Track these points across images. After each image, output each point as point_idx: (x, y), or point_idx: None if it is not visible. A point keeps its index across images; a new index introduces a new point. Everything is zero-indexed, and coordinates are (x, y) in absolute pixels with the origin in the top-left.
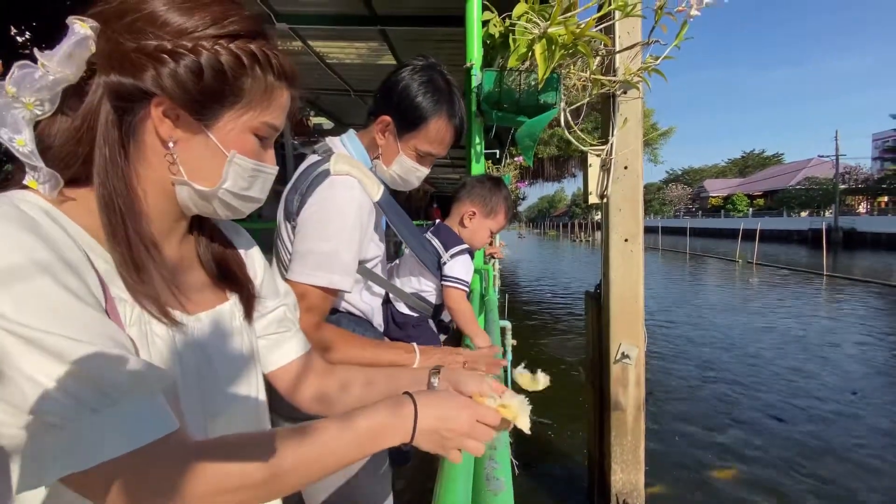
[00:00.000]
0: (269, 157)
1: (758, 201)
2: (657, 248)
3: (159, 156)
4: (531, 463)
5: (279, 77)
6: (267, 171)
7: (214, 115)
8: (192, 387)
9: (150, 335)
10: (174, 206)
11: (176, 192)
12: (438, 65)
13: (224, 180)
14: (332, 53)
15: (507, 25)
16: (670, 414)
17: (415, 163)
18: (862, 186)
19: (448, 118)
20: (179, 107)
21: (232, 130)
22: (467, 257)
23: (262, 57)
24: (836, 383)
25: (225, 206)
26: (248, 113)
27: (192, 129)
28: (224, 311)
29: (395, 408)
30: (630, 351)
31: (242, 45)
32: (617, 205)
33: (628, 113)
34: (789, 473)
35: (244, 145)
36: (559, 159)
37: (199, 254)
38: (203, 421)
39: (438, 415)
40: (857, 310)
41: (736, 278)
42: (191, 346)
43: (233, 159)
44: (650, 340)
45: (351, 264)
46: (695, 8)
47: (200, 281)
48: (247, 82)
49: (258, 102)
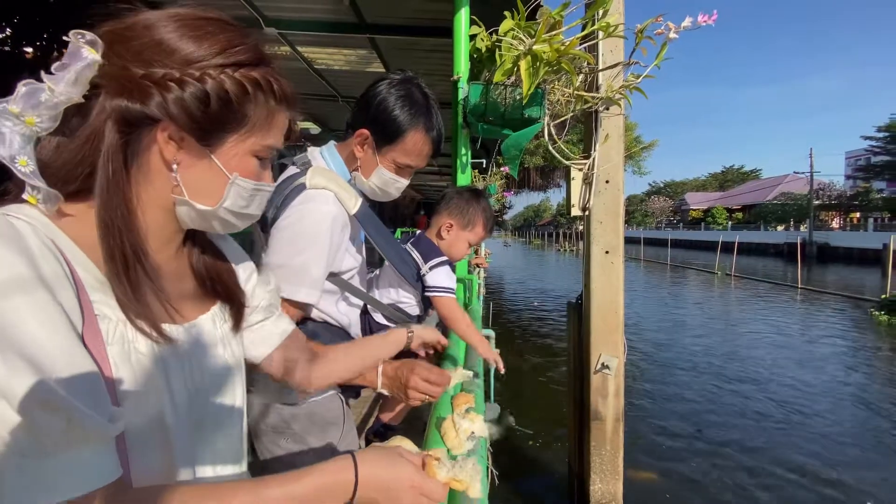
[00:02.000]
0: (267, 176)
1: (736, 215)
2: (639, 259)
3: (163, 178)
4: (512, 473)
5: (280, 101)
6: (265, 190)
7: (219, 140)
8: (180, 397)
9: (133, 354)
10: (172, 222)
11: (176, 209)
12: (416, 78)
13: (225, 200)
14: (321, 59)
15: (494, 41)
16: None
17: (393, 175)
18: (835, 202)
19: (425, 131)
20: (185, 132)
21: (235, 155)
22: (448, 267)
23: (264, 83)
24: (803, 392)
25: (223, 224)
26: (252, 138)
27: (197, 153)
28: (209, 320)
29: (335, 474)
30: (610, 361)
31: (246, 74)
32: (598, 218)
33: (610, 129)
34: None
35: (246, 167)
36: (545, 169)
37: (192, 264)
38: (189, 429)
39: (380, 486)
40: (831, 323)
41: (715, 289)
42: (178, 358)
43: (235, 181)
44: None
45: (319, 279)
46: (673, 32)
47: (190, 290)
48: (251, 108)
49: (260, 127)
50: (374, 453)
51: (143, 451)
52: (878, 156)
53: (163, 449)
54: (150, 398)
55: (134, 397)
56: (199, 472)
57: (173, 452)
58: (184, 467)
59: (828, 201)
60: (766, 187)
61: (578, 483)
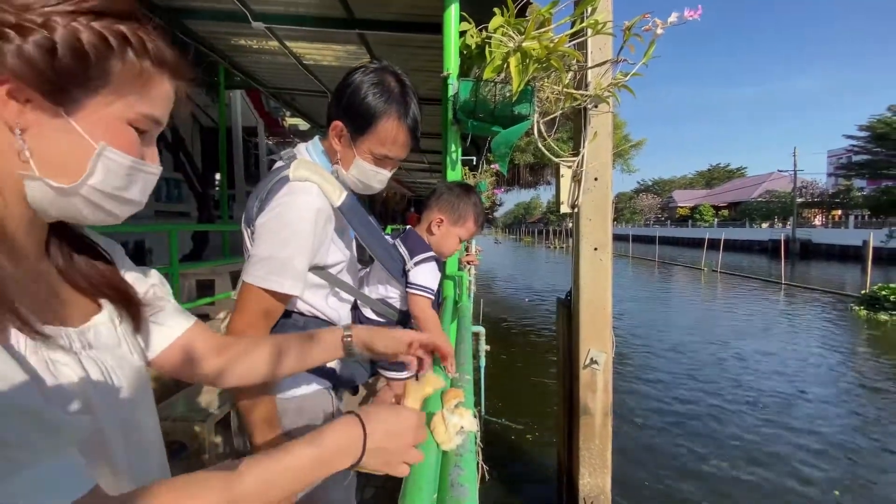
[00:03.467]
0: (150, 155)
1: (723, 212)
2: (628, 256)
3: (4, 145)
4: (503, 467)
5: (158, 64)
6: (148, 171)
7: (76, 101)
8: (106, 404)
9: (50, 363)
10: (27, 211)
11: (27, 191)
12: (392, 67)
13: (89, 175)
14: (309, 55)
15: (484, 37)
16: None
17: (373, 166)
18: (818, 200)
19: (398, 118)
20: (29, 88)
21: (102, 119)
22: (433, 264)
23: (134, 40)
24: (787, 382)
25: (93, 207)
26: (120, 101)
27: (48, 113)
28: (105, 321)
29: (342, 431)
30: (598, 357)
31: (109, 26)
32: (587, 215)
33: (599, 126)
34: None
35: (118, 137)
36: (535, 166)
37: (61, 267)
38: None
39: (387, 431)
40: (813, 317)
41: (701, 286)
42: (92, 361)
43: (102, 152)
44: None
45: (303, 271)
46: (660, 28)
47: (70, 295)
48: (116, 66)
49: (131, 90)
50: (374, 408)
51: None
52: (859, 154)
53: (104, 455)
54: (77, 404)
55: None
56: (139, 476)
57: (113, 459)
58: (124, 471)
59: (810, 199)
60: (751, 185)
61: (567, 477)
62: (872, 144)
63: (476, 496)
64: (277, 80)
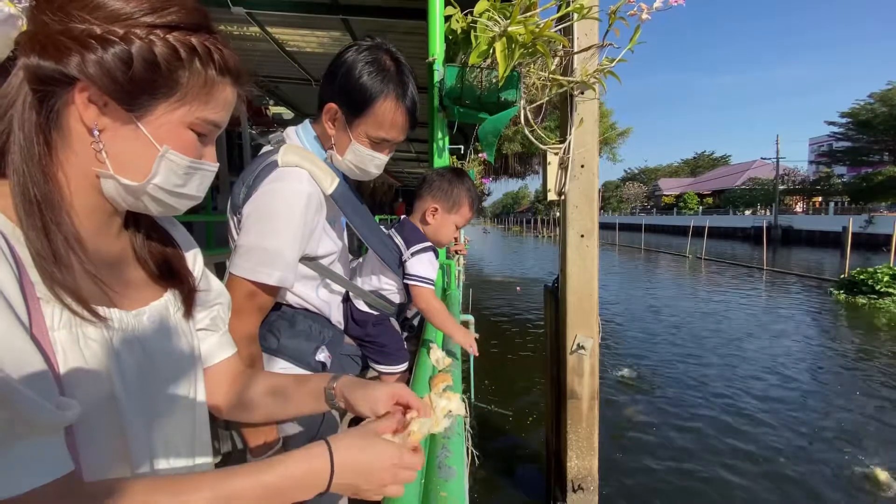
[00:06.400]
0: (208, 154)
1: (707, 200)
2: (614, 244)
3: (84, 144)
4: (493, 452)
5: (222, 72)
6: (206, 169)
7: (146, 107)
8: (133, 387)
9: (82, 338)
10: (103, 202)
11: (102, 186)
12: (386, 44)
13: (154, 175)
14: (292, 41)
15: (469, 22)
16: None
17: (370, 150)
18: (799, 187)
19: (396, 98)
20: (107, 95)
21: (165, 124)
22: (431, 254)
23: (202, 50)
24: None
25: (156, 203)
26: (184, 107)
27: (121, 118)
28: (162, 307)
29: (306, 463)
30: (585, 342)
31: (181, 37)
32: (574, 202)
33: (585, 113)
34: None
35: (179, 140)
36: (523, 156)
37: (136, 249)
38: (146, 421)
39: (358, 469)
40: (794, 301)
41: (686, 272)
42: (130, 344)
43: (165, 154)
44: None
45: (293, 262)
46: (646, 12)
47: (138, 277)
48: (183, 75)
49: (195, 97)
50: (350, 439)
51: (94, 440)
52: (840, 142)
53: (116, 438)
54: (100, 385)
55: (84, 384)
56: (157, 464)
57: (127, 442)
58: (140, 458)
59: (792, 186)
60: (734, 173)
61: (556, 460)
62: (854, 131)
63: (464, 477)
64: (259, 68)
